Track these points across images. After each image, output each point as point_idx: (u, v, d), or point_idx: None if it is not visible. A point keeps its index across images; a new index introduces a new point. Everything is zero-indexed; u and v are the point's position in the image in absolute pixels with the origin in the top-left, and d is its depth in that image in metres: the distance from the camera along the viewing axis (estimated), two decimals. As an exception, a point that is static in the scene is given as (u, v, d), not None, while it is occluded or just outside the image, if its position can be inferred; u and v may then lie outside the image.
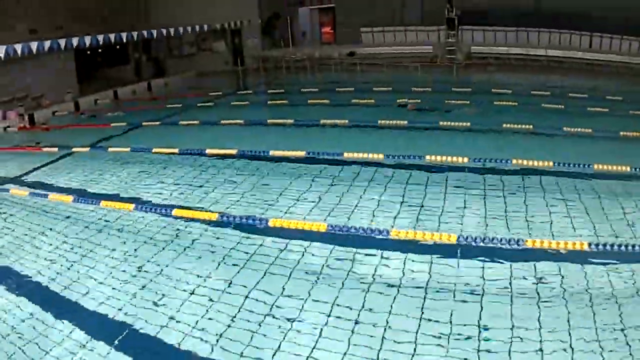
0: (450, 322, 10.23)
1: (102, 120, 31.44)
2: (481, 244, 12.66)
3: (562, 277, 11.68)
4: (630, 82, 37.47)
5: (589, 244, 12.34)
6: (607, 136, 21.92)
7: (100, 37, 34.54)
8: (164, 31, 40.09)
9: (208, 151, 21.30)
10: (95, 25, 36.94)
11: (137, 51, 46.23)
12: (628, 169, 17.19)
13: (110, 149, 23.47)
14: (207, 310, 11.07)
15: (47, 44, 31.22)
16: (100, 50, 42.11)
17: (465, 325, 10.11)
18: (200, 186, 18.26)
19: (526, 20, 45.41)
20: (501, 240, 12.70)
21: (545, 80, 38.26)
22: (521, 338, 9.67)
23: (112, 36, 35.67)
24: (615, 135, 21.80)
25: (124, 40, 38.19)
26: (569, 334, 9.72)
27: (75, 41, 32.84)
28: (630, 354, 9.14)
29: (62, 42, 32.12)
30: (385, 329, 10.11)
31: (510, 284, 11.51)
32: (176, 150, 21.88)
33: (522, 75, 40.95)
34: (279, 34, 53.48)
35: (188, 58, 49.90)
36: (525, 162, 17.84)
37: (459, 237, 12.86)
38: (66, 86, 36.20)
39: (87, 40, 33.62)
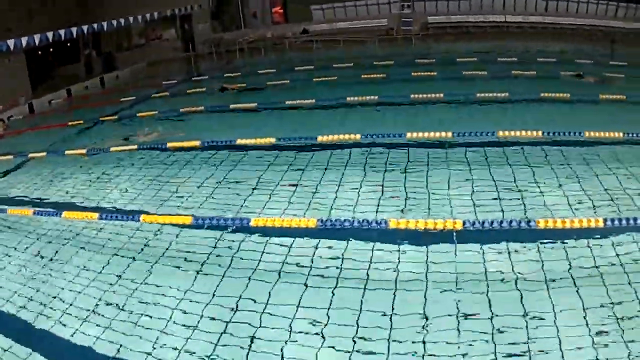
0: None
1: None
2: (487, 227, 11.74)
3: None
4: (593, 45, 37.39)
5: (604, 220, 11.65)
6: (587, 100, 21.22)
7: (50, 34, 32.81)
8: (115, 22, 38.46)
9: (169, 144, 19.99)
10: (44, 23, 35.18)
11: (86, 47, 44.42)
12: (621, 135, 16.42)
13: (67, 152, 21.83)
14: (192, 330, 9.96)
15: (-5, 45, 29.57)
16: (51, 50, 40.33)
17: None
18: (166, 183, 16.95)
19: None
20: (511, 222, 11.81)
21: (509, 46, 37.53)
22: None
23: (62, 32, 33.96)
24: (596, 99, 21.06)
25: (74, 35, 36.42)
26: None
27: (24, 41, 31.11)
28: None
29: (11, 43, 30.40)
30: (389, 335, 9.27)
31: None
32: (135, 147, 20.51)
33: (484, 42, 40.12)
34: (229, 17, 52.18)
35: (137, 49, 48.28)
36: (512, 133, 16.94)
37: (464, 223, 11.87)
38: (19, 89, 34.48)
39: (37, 38, 31.88)
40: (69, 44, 40.91)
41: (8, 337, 10.56)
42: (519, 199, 13.52)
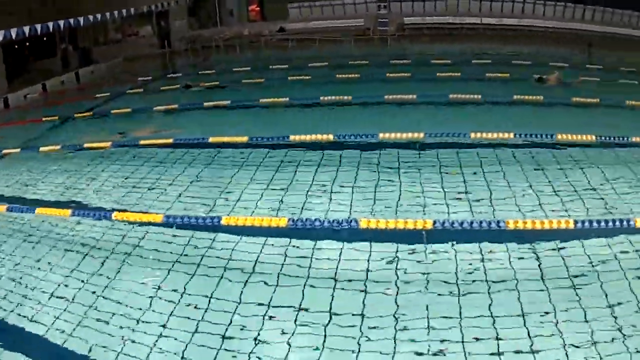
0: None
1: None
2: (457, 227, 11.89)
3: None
4: (569, 48, 37.47)
5: (575, 221, 11.84)
6: (560, 102, 21.36)
7: (27, 29, 32.44)
8: (91, 18, 38.11)
9: (142, 142, 19.83)
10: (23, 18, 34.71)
11: (63, 41, 43.94)
12: (593, 138, 16.53)
13: (41, 149, 21.52)
14: (163, 327, 9.92)
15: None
16: (27, 44, 39.84)
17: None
18: (138, 182, 16.77)
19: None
20: (481, 223, 12.01)
21: (484, 48, 37.67)
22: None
23: (38, 27, 33.60)
24: (568, 102, 21.22)
25: (51, 30, 36.05)
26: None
27: (0, 35, 30.76)
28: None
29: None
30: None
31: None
32: (108, 144, 20.28)
33: (459, 44, 40.23)
34: (206, 13, 51.98)
35: (114, 44, 47.81)
36: (484, 134, 17.01)
37: (434, 222, 12.00)
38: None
39: (13, 32, 31.51)
40: (45, 38, 40.48)
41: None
42: (490, 199, 13.62)
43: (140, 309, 10.51)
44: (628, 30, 41.50)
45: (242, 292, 10.63)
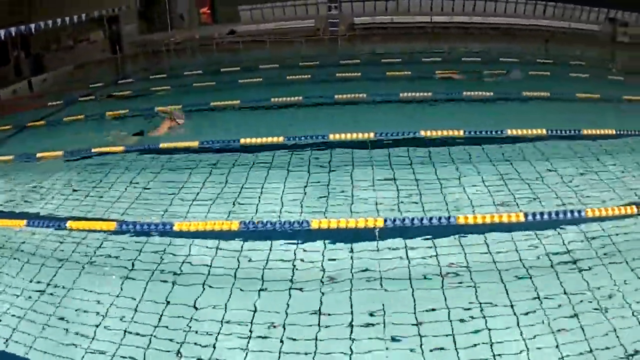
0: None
1: None
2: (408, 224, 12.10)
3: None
4: (519, 43, 37.92)
5: (525, 214, 12.08)
6: (512, 98, 21.59)
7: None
8: (42, 24, 37.56)
9: (94, 150, 19.60)
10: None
11: (16, 49, 43.19)
12: (544, 131, 16.69)
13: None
14: (122, 336, 9.86)
15: None
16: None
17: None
18: (91, 190, 16.58)
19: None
20: (431, 219, 12.20)
21: (434, 46, 38.02)
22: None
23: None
24: (520, 97, 21.43)
25: (3, 38, 35.45)
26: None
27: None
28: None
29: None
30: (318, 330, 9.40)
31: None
32: (60, 153, 20.00)
33: (410, 43, 40.48)
34: (157, 17, 51.61)
35: (65, 51, 47.11)
36: (435, 132, 17.11)
37: (385, 220, 12.15)
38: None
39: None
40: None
41: None
42: (441, 196, 13.77)
43: (100, 316, 10.45)
44: (582, 25, 42.30)
45: (198, 296, 10.64)
